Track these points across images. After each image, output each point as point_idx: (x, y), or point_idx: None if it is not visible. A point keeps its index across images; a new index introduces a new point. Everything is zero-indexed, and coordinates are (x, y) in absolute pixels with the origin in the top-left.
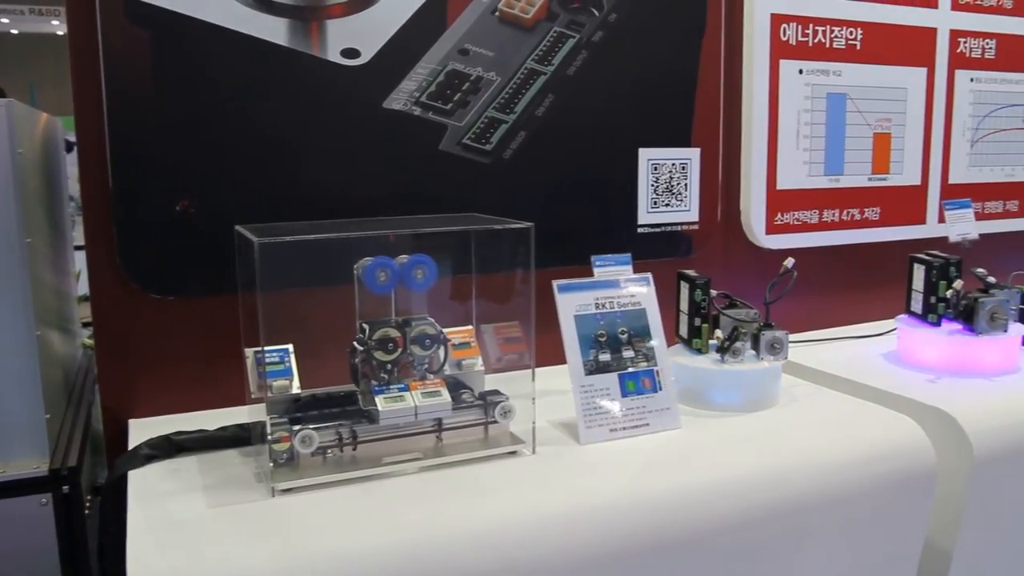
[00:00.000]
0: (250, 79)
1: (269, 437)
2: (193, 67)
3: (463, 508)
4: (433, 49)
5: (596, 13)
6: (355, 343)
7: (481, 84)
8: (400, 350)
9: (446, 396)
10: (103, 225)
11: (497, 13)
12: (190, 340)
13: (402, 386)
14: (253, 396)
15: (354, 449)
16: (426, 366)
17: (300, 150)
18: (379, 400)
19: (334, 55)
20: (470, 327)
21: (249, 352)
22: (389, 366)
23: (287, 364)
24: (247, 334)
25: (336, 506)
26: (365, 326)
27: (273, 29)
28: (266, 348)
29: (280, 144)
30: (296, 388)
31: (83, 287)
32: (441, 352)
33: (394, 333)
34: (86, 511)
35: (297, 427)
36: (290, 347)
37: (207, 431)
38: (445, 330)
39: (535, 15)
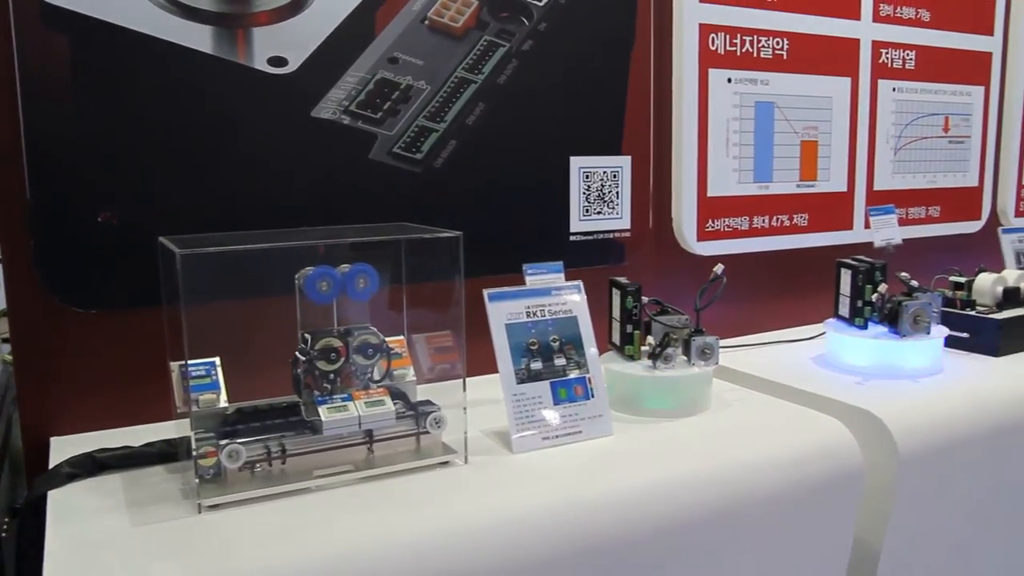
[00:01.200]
0: (174, 87)
1: (194, 452)
2: (114, 75)
3: (394, 520)
4: (362, 58)
5: (526, 22)
6: (297, 353)
7: (411, 93)
8: (343, 360)
9: (390, 405)
10: (21, 237)
11: (426, 22)
12: (115, 354)
13: (345, 396)
14: (179, 411)
15: (283, 463)
16: (368, 375)
17: (227, 160)
18: (322, 410)
19: (261, 63)
20: (401, 337)
21: (174, 366)
22: (332, 376)
23: (214, 378)
24: (173, 348)
25: (264, 521)
26: (307, 336)
27: (198, 37)
28: (192, 362)
29: (206, 154)
30: (224, 402)
31: (0, 301)
32: (386, 361)
33: (337, 343)
34: (2, 534)
35: (224, 441)
36: (217, 360)
37: (132, 447)
38: None
39: (465, 24)
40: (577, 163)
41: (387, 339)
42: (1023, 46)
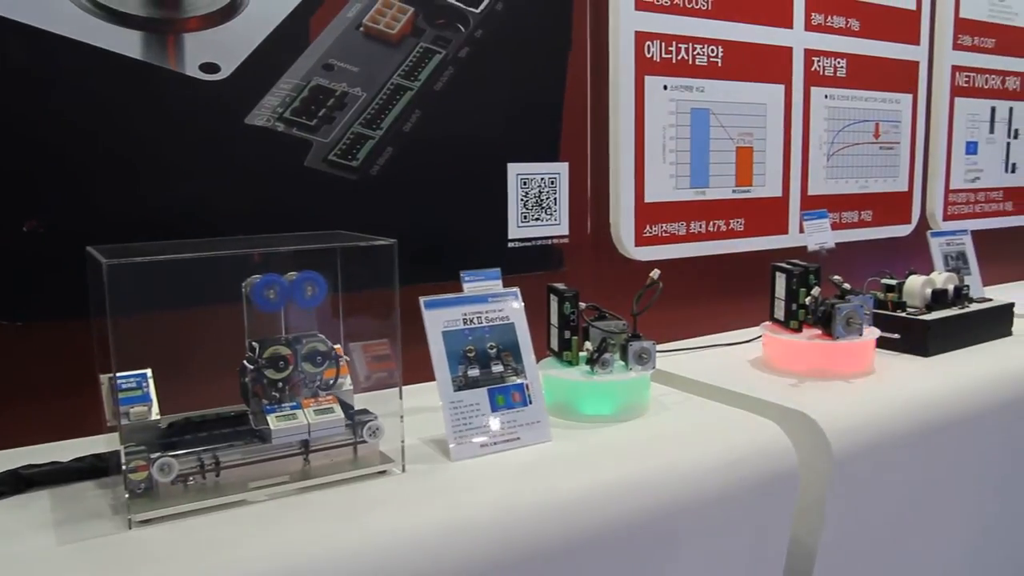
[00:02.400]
0: (103, 93)
1: (124, 466)
2: (40, 81)
3: (330, 531)
4: (296, 64)
5: (462, 29)
6: (245, 362)
7: (347, 100)
8: (291, 368)
9: (339, 412)
10: None
11: (362, 28)
12: (43, 367)
13: (294, 404)
14: (109, 424)
15: (217, 475)
16: (317, 383)
17: (158, 167)
18: (271, 419)
19: (192, 69)
20: (338, 346)
21: (104, 379)
22: (280, 384)
23: (145, 390)
24: (102, 360)
25: (197, 536)
26: (255, 344)
27: (127, 42)
28: (122, 374)
29: (137, 161)
30: (156, 414)
31: None
32: (335, 369)
33: (285, 351)
34: None
35: (156, 455)
36: (148, 372)
37: (60, 463)
38: None
39: (400, 30)
40: (515, 169)
41: None
42: (947, 55)
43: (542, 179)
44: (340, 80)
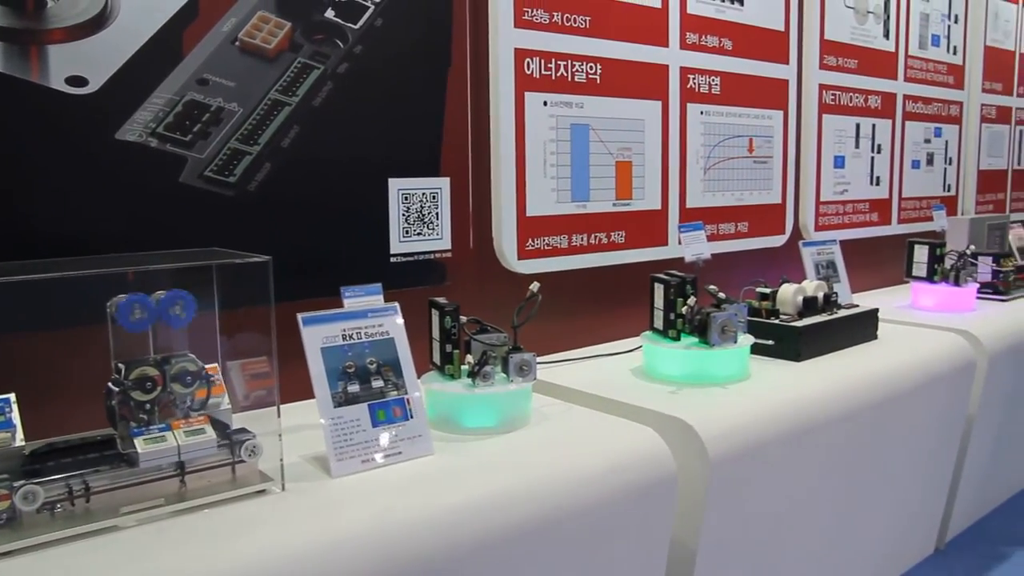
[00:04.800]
0: None
1: None
2: None
3: (207, 553)
4: (169, 78)
5: (341, 45)
6: (110, 384)
7: (222, 115)
8: (160, 388)
9: (210, 433)
10: None
11: (238, 43)
12: None
13: (163, 426)
14: None
15: (87, 501)
16: (187, 404)
17: (22, 184)
18: (138, 442)
19: (58, 83)
20: (215, 364)
21: None
22: (148, 406)
23: (7, 416)
24: None
25: (66, 565)
26: (120, 366)
27: None
28: None
29: None
30: (20, 440)
31: None
32: (206, 388)
33: (152, 371)
34: None
35: (19, 483)
36: (11, 397)
37: None
38: None
39: (278, 45)
40: (396, 184)
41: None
42: (815, 74)
43: (423, 194)
44: (216, 95)
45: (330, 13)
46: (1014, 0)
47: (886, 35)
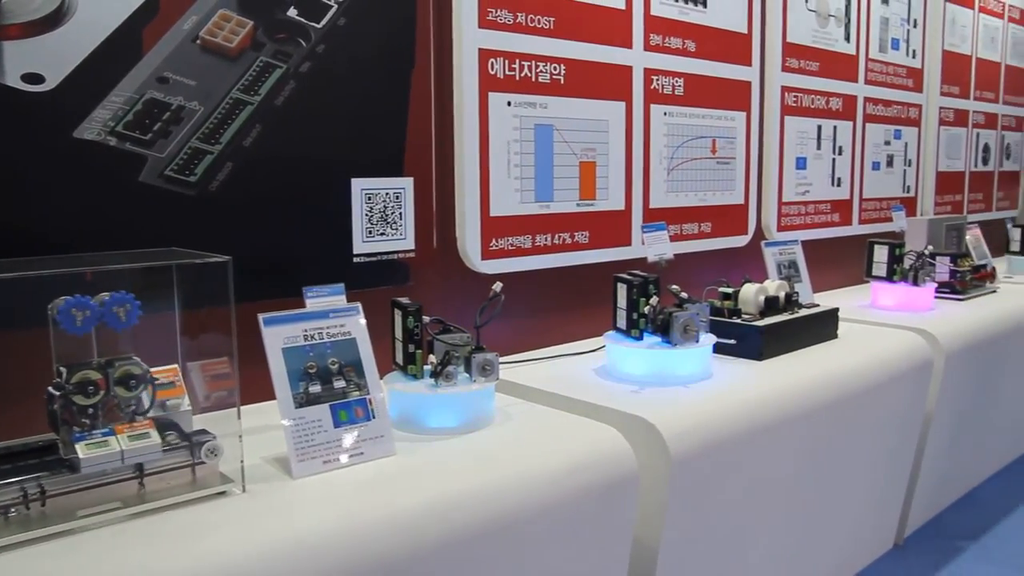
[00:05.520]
0: None
1: None
2: None
3: (165, 555)
4: (129, 76)
5: (303, 44)
6: (51, 388)
7: (183, 114)
8: (103, 392)
9: (155, 438)
10: None
11: (199, 41)
12: None
13: (107, 430)
14: None
15: (43, 505)
16: (132, 408)
17: None
18: (80, 447)
19: (14, 80)
20: (175, 366)
21: None
22: (91, 410)
23: None
24: None
25: (19, 570)
26: (62, 369)
27: None
28: None
29: None
30: None
31: None
32: (151, 392)
33: (95, 375)
34: None
35: None
36: None
37: None
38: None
39: (239, 44)
40: (359, 184)
41: (159, 369)
42: (777, 76)
43: (387, 194)
44: (176, 94)
45: (292, 12)
46: (969, 5)
47: (847, 38)
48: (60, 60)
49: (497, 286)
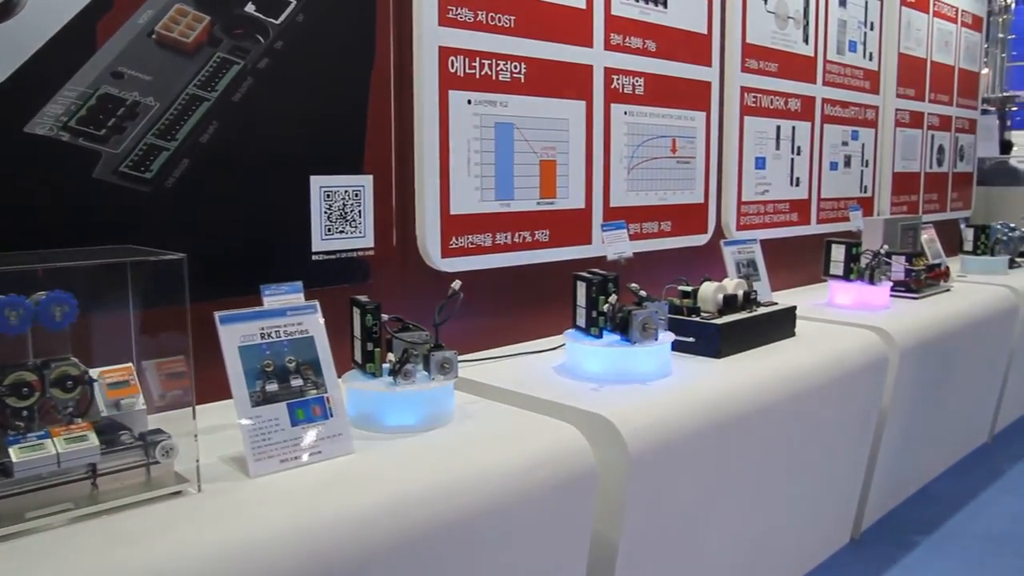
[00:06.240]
0: None
1: None
2: None
3: (119, 557)
4: (82, 71)
5: (261, 40)
6: None
7: (138, 109)
8: (38, 394)
9: (93, 440)
10: None
11: (154, 36)
12: None
13: (42, 433)
14: None
15: None
16: (70, 410)
17: None
18: (13, 451)
19: None
20: (129, 365)
21: None
22: (26, 412)
23: None
24: None
25: None
26: None
27: None
28: None
29: None
30: None
31: None
32: (88, 393)
33: (29, 376)
34: None
35: None
36: None
37: None
38: (101, 369)
39: (196, 39)
40: (318, 182)
41: (113, 367)
42: (737, 77)
43: (346, 191)
44: (131, 89)
45: (250, 7)
46: (924, 10)
47: (805, 40)
48: (9, 54)
49: (456, 284)
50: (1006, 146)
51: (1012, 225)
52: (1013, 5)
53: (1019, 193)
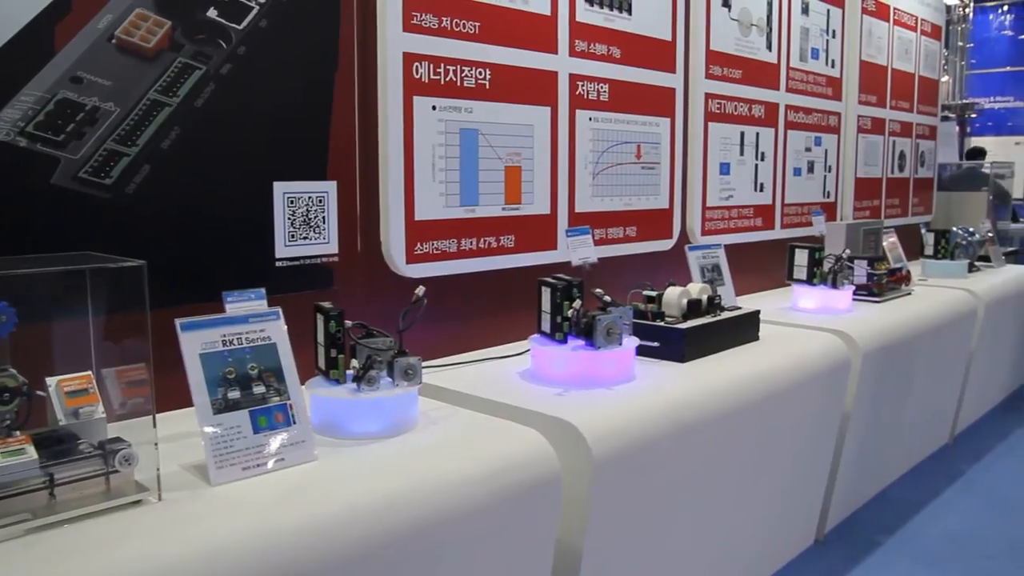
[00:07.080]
0: None
1: None
2: None
3: (77, 567)
4: (40, 75)
5: (224, 45)
6: None
7: (98, 115)
8: None
9: (31, 453)
10: None
11: (114, 41)
12: None
13: None
14: None
15: None
16: (7, 422)
17: None
18: None
19: None
20: (88, 373)
21: None
22: None
23: None
24: None
25: None
26: None
27: None
28: None
29: None
30: None
31: None
32: (26, 406)
33: None
34: None
35: None
36: None
37: None
38: (60, 377)
39: (157, 44)
40: (281, 188)
41: (71, 376)
42: (701, 83)
43: (310, 198)
44: (90, 94)
45: (212, 12)
46: (885, 18)
47: (769, 47)
48: None
49: (420, 290)
50: (980, 153)
51: (971, 230)
52: (971, 15)
53: (979, 197)
